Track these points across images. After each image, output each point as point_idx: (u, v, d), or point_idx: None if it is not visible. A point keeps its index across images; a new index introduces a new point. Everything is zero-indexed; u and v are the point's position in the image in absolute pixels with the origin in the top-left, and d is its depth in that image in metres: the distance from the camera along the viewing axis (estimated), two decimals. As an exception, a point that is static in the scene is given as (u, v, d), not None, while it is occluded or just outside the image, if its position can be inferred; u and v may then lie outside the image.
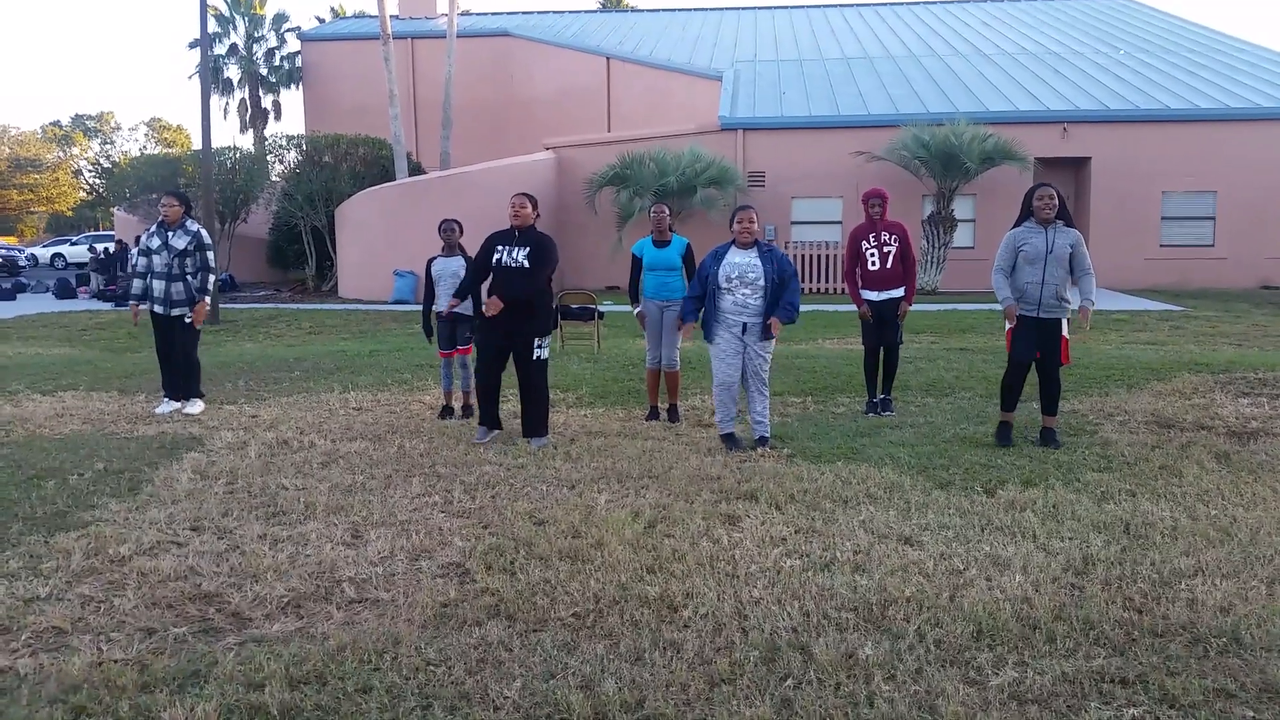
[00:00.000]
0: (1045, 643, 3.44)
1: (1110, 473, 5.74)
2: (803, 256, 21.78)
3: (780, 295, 6.49)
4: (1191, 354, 10.80)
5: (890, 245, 7.63)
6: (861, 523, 4.81)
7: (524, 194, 6.85)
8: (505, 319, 6.66)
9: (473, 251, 7.27)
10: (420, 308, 8.82)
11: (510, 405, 8.00)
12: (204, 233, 8.05)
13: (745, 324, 6.50)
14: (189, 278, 7.90)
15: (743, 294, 6.46)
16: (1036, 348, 6.48)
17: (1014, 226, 6.57)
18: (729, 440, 6.57)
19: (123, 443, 6.90)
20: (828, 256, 21.76)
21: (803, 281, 21.74)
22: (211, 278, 8.10)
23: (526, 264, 6.64)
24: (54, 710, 3.07)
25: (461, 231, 7.95)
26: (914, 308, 8.34)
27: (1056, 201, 6.40)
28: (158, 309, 7.95)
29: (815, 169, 22.20)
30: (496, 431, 6.97)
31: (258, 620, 3.76)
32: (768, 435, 6.60)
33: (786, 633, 3.54)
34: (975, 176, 20.64)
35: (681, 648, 3.44)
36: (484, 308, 6.69)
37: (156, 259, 7.89)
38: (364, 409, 8.20)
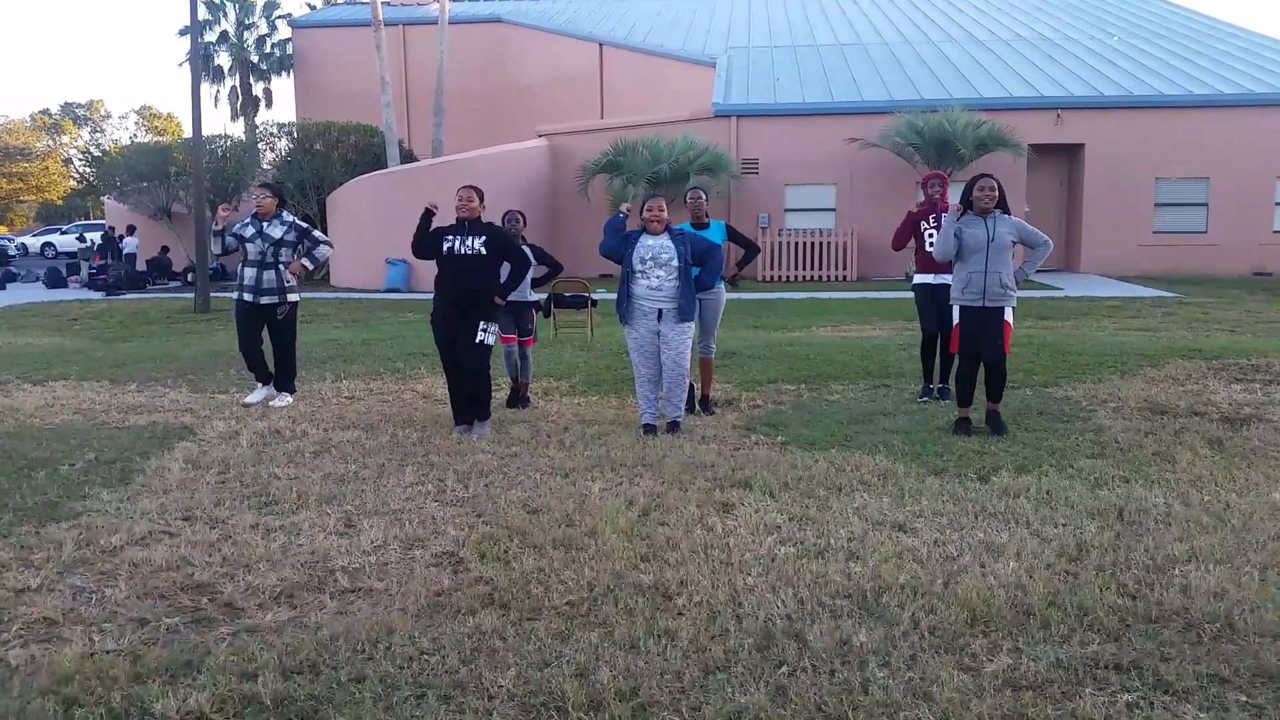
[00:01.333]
0: (1039, 629, 3.44)
1: (1104, 459, 5.75)
2: (796, 244, 21.76)
3: (704, 269, 6.57)
4: (1184, 340, 10.82)
5: None
6: (855, 510, 4.81)
7: (471, 186, 6.83)
8: (453, 308, 6.65)
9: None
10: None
11: (500, 394, 7.98)
12: (300, 222, 7.99)
13: (661, 310, 6.50)
14: (281, 267, 7.79)
15: (657, 276, 6.47)
16: (980, 337, 6.49)
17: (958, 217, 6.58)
18: (649, 430, 6.61)
19: (114, 432, 6.87)
20: (821, 244, 21.74)
21: (796, 269, 21.74)
22: (327, 249, 8.03)
23: (484, 251, 6.62)
24: (46, 701, 3.05)
25: (525, 222, 7.84)
26: (907, 294, 8.30)
27: (996, 192, 6.48)
28: (247, 297, 7.81)
29: (809, 156, 22.15)
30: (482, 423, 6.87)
31: (250, 610, 3.74)
32: (680, 421, 6.65)
33: (781, 620, 3.53)
34: (969, 163, 20.60)
35: (676, 635, 3.43)
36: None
37: (250, 246, 7.77)
38: (356, 398, 8.17)
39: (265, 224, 7.81)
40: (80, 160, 59.05)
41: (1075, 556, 4.14)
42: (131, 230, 25.78)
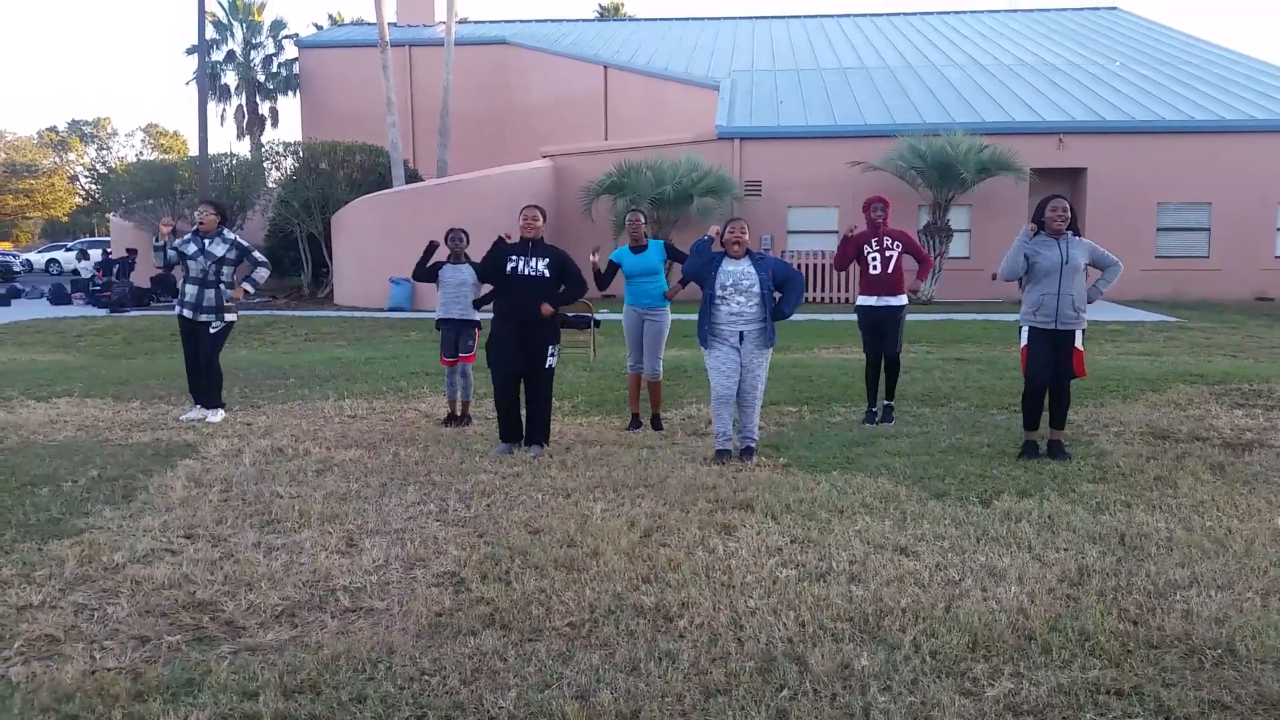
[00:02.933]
0: (1041, 654, 3.44)
1: (1105, 484, 5.75)
2: (799, 266, 21.79)
3: (785, 297, 6.56)
4: (1187, 365, 10.82)
5: (892, 251, 7.64)
6: (857, 533, 4.81)
7: (536, 205, 6.91)
8: (518, 329, 6.66)
9: (477, 258, 7.29)
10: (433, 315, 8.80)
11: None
12: (241, 240, 8.10)
13: (742, 333, 6.49)
14: (222, 285, 7.90)
15: (738, 302, 6.46)
16: (1052, 360, 6.46)
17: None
18: (723, 456, 6.54)
19: (117, 449, 6.88)
20: (824, 266, 21.77)
21: (799, 291, 21.75)
22: (265, 271, 8.15)
23: (547, 274, 6.66)
24: (47, 719, 3.05)
25: (468, 241, 7.99)
26: (910, 317, 8.33)
27: (1069, 214, 6.40)
28: (186, 313, 7.96)
29: (811, 179, 22.22)
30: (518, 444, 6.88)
31: (252, 629, 3.74)
32: (754, 447, 6.61)
33: (782, 643, 3.53)
34: (971, 187, 20.68)
35: (677, 658, 3.43)
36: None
37: (191, 264, 7.89)
38: (359, 417, 8.18)
39: (207, 241, 7.93)
40: (86, 177, 59.35)
41: (1077, 581, 4.14)
42: (132, 253, 25.91)
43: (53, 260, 40.99)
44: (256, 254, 8.16)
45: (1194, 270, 21.77)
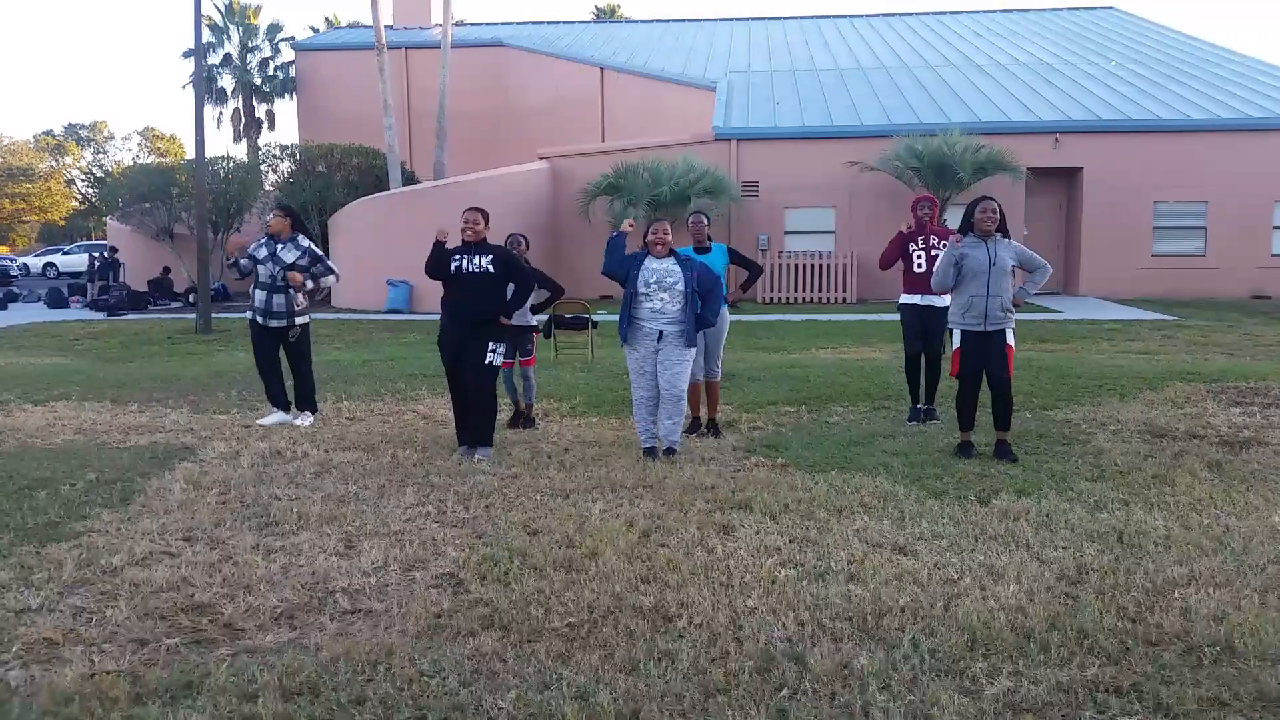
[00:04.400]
0: (1040, 652, 3.44)
1: (1103, 482, 5.75)
2: (796, 266, 21.81)
3: (706, 305, 6.54)
4: (1184, 363, 10.83)
5: (939, 250, 7.58)
6: (856, 532, 4.81)
7: (477, 208, 6.87)
8: (462, 327, 6.67)
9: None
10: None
11: (502, 415, 7.99)
12: (315, 247, 7.98)
13: (661, 331, 6.49)
14: (291, 291, 7.80)
15: (661, 299, 6.46)
16: (983, 361, 6.51)
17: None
18: (650, 453, 6.57)
19: (115, 453, 6.87)
20: (821, 266, 21.79)
21: (796, 291, 21.76)
22: (333, 279, 8.08)
23: (491, 269, 6.66)
24: (45, 722, 3.05)
25: (528, 245, 7.92)
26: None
27: (998, 215, 6.48)
28: (258, 319, 7.89)
29: (809, 179, 22.24)
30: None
31: (251, 631, 3.74)
32: (677, 447, 6.61)
33: (781, 642, 3.53)
34: (968, 187, 20.68)
35: (676, 658, 3.43)
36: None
37: (261, 269, 7.80)
38: (357, 419, 8.18)
39: (280, 246, 7.84)
40: (83, 181, 59.31)
41: (1075, 579, 4.14)
42: (114, 251, 25.91)
43: (50, 264, 40.96)
44: (330, 263, 8.05)
45: (1190, 268, 21.80)
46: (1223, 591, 3.96)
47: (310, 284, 7.99)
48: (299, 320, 7.90)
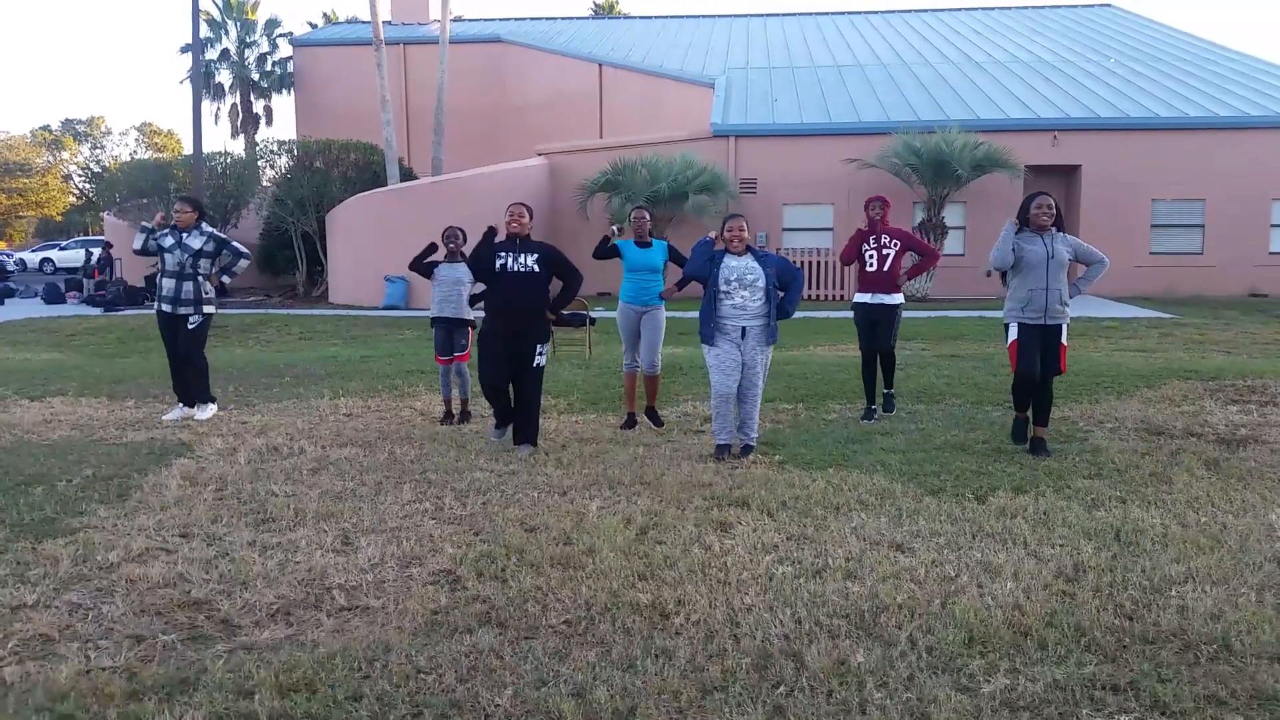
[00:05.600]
0: (1037, 649, 3.44)
1: (1100, 479, 5.75)
2: (794, 263, 21.76)
3: (787, 295, 6.57)
4: (1181, 361, 10.84)
5: (890, 249, 7.68)
6: (853, 529, 4.81)
7: (522, 203, 6.88)
8: (509, 326, 6.65)
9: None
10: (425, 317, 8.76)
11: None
12: (219, 232, 8.12)
13: (745, 328, 6.48)
14: (200, 278, 7.89)
15: (742, 296, 6.45)
16: (1044, 355, 6.49)
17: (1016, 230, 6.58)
18: (722, 451, 6.55)
19: (111, 449, 6.86)
20: (820, 263, 21.78)
21: (794, 288, 21.75)
22: (244, 262, 8.18)
23: (537, 269, 6.65)
24: (41, 718, 3.05)
25: (465, 239, 7.97)
26: (905, 314, 8.32)
27: (1054, 210, 6.48)
28: (165, 307, 7.94)
29: (807, 176, 22.24)
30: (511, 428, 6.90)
31: (247, 628, 3.74)
32: (753, 445, 6.60)
33: (778, 640, 3.53)
34: (966, 184, 20.71)
35: (673, 655, 3.43)
36: None
37: (168, 257, 7.88)
38: (354, 415, 8.17)
39: (185, 235, 7.93)
40: (80, 176, 59.21)
41: (1072, 577, 4.14)
42: (109, 247, 25.91)
43: (46, 259, 40.89)
44: (236, 244, 8.15)
45: (1188, 266, 21.82)
46: (1220, 589, 3.96)
47: (227, 279, 8.18)
48: (206, 309, 7.98)
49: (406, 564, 4.41)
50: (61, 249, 42.00)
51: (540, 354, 6.74)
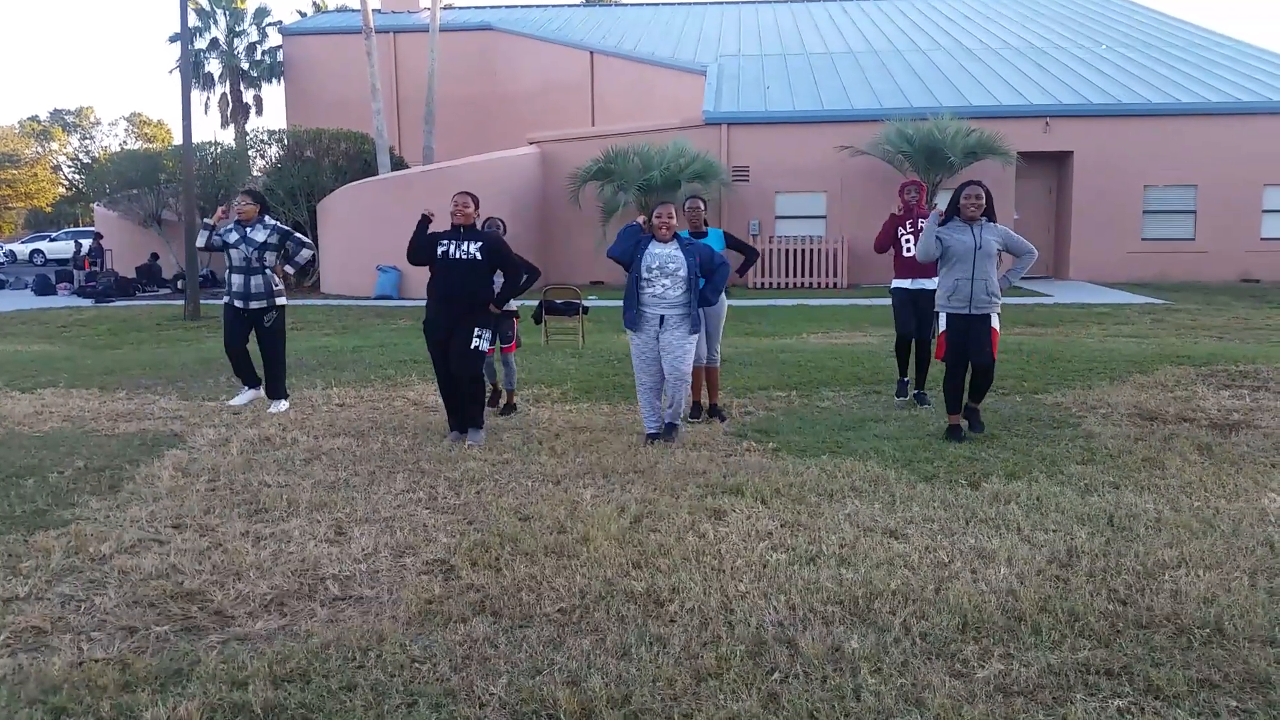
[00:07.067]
0: (1031, 635, 3.45)
1: (1094, 465, 5.77)
2: (787, 251, 21.80)
3: (708, 283, 6.56)
4: (1173, 347, 10.86)
5: None
6: (847, 516, 4.82)
7: (467, 192, 6.84)
8: (448, 313, 6.64)
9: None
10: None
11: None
12: (282, 224, 8.04)
13: (663, 316, 6.50)
14: (268, 271, 7.83)
15: (663, 285, 6.47)
16: (968, 344, 6.54)
17: (941, 224, 6.62)
18: (652, 438, 6.58)
19: (103, 440, 6.84)
20: (812, 251, 21.77)
21: (787, 276, 21.75)
22: (308, 252, 8.10)
23: (479, 256, 6.63)
24: (34, 711, 3.04)
25: (505, 228, 7.87)
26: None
27: (984, 201, 6.52)
28: (237, 303, 7.86)
29: (799, 163, 22.20)
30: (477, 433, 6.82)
31: (240, 618, 3.73)
32: (677, 424, 6.65)
33: (773, 626, 3.53)
34: (958, 171, 20.66)
35: (668, 642, 3.43)
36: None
37: (234, 252, 7.81)
38: (347, 405, 8.15)
39: (249, 229, 7.87)
40: (69, 167, 58.91)
41: (1066, 562, 4.15)
42: (99, 238, 25.83)
43: (37, 251, 40.70)
44: (299, 235, 8.11)
45: (1180, 252, 21.85)
46: (1212, 574, 3.97)
47: (290, 269, 8.07)
48: (278, 301, 7.91)
49: (400, 554, 4.41)
50: (52, 240, 41.80)
51: (479, 337, 6.67)
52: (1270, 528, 4.56)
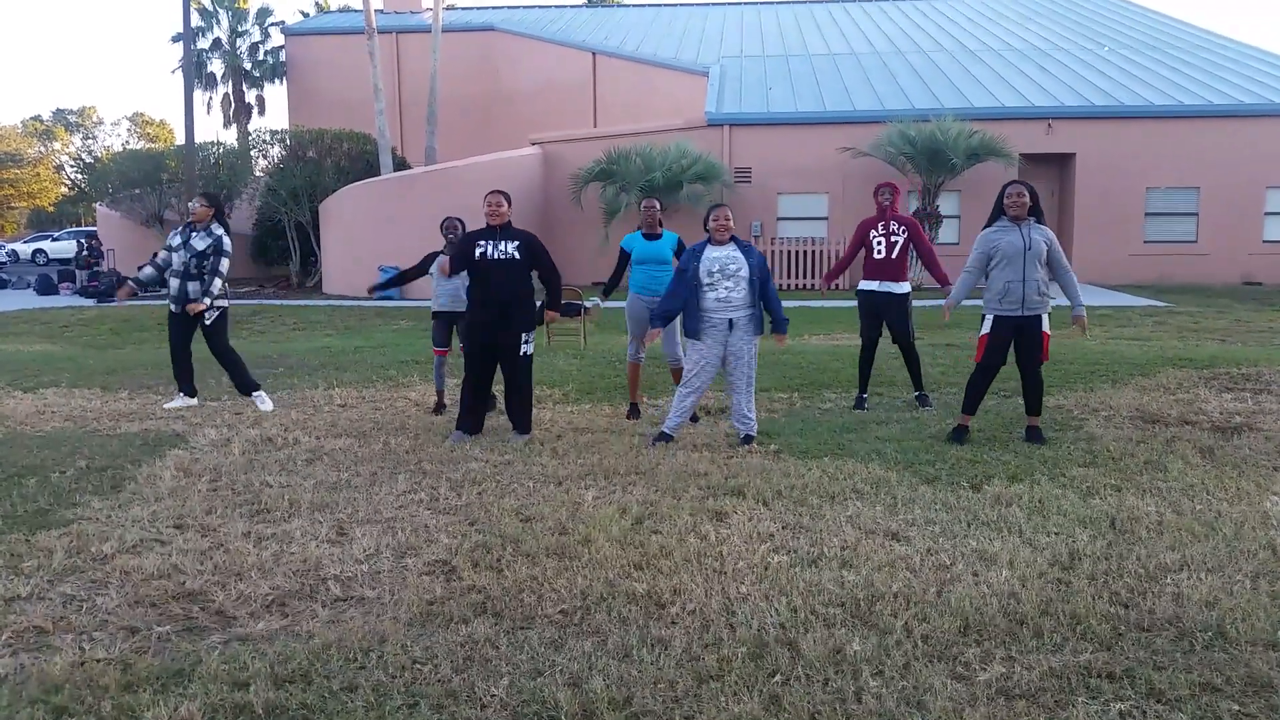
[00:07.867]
0: (1032, 638, 3.44)
1: (1095, 468, 5.76)
2: (788, 253, 21.80)
3: (765, 293, 6.49)
4: (1175, 349, 10.85)
5: (898, 236, 7.58)
6: (848, 518, 4.81)
7: (499, 191, 6.82)
8: (493, 316, 6.62)
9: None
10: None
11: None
12: (226, 239, 8.00)
13: (732, 320, 6.43)
14: (206, 277, 7.87)
15: (725, 287, 6.37)
16: (1017, 346, 6.48)
17: (985, 227, 6.55)
18: (665, 438, 6.52)
19: (105, 440, 6.84)
20: (814, 253, 21.77)
21: (789, 278, 21.76)
22: (217, 282, 7.98)
23: (517, 255, 6.61)
24: (35, 711, 3.04)
25: (464, 228, 7.89)
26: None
27: (1028, 199, 6.39)
28: (173, 307, 7.97)
29: (801, 165, 22.21)
30: (473, 436, 6.79)
31: (242, 619, 3.73)
32: (754, 434, 6.57)
33: (774, 629, 3.53)
34: (961, 172, 20.69)
35: (669, 644, 3.43)
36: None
37: (175, 256, 7.90)
38: (349, 405, 8.15)
39: (194, 234, 7.91)
40: (72, 167, 58.95)
41: (1068, 565, 4.15)
42: (92, 238, 25.89)
43: (39, 250, 40.73)
44: (222, 261, 7.97)
45: (1182, 255, 21.84)
46: (1214, 577, 3.97)
47: (206, 300, 7.91)
48: (219, 303, 7.97)
49: (402, 554, 4.40)
50: (54, 240, 41.84)
51: (526, 342, 6.69)
52: (1272, 531, 4.55)
